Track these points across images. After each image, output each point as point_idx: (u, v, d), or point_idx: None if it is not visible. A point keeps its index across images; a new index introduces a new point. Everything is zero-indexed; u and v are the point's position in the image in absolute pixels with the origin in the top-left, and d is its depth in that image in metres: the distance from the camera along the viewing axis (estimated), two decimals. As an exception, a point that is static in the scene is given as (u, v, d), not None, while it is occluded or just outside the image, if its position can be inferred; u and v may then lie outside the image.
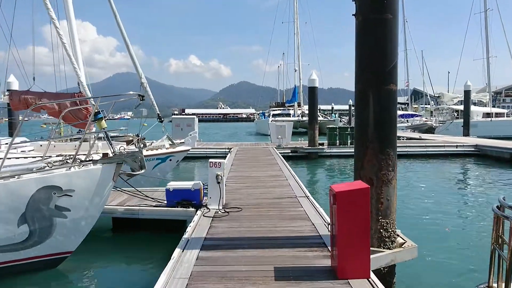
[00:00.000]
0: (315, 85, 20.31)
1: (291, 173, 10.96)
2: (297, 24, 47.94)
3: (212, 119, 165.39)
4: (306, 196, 7.93)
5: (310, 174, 17.10)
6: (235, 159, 15.05)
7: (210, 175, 6.99)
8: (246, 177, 10.57)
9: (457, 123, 35.18)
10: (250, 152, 18.20)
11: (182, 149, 10.55)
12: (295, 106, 49.77)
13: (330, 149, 20.96)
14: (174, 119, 21.96)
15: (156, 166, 10.40)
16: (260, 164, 13.40)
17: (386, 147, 4.84)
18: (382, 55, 4.75)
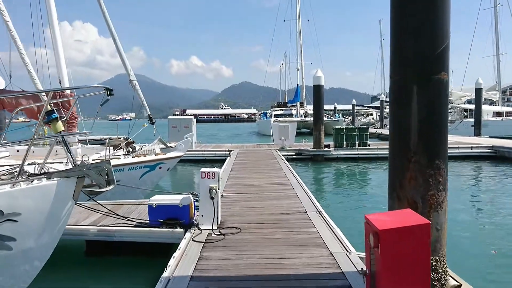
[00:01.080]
0: (321, 83, 19.02)
1: (297, 180, 9.68)
2: (299, 22, 46.66)
3: (213, 119, 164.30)
4: (318, 211, 6.65)
5: (316, 178, 15.82)
6: (235, 163, 13.79)
7: (201, 188, 5.73)
8: (247, 185, 9.30)
9: (467, 122, 33.88)
10: (251, 155, 16.94)
11: (173, 156, 9.30)
12: (297, 106, 48.47)
13: (337, 151, 19.67)
14: (170, 120, 20.71)
15: (144, 175, 9.16)
16: (262, 169, 12.13)
17: (435, 158, 3.56)
18: (430, 32, 3.47)
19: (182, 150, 9.41)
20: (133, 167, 8.97)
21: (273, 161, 14.27)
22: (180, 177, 16.72)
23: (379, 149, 19.93)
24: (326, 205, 9.76)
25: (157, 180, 9.54)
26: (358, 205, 10.44)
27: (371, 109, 74.92)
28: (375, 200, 10.74)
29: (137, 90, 11.22)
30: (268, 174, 10.88)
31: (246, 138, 45.36)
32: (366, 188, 13.06)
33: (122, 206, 7.29)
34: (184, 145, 9.38)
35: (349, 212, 9.52)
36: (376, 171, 16.94)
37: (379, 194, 11.73)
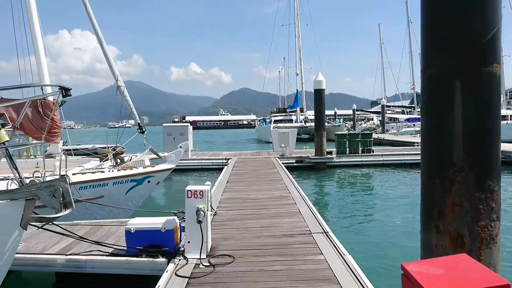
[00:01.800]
0: (322, 87, 18.18)
1: (300, 194, 8.78)
2: (298, 26, 45.97)
3: (213, 126, 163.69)
4: (324, 232, 5.75)
5: (319, 189, 14.93)
6: (232, 173, 12.90)
7: (187, 210, 4.84)
8: (244, 200, 8.41)
9: (471, 127, 33.05)
10: (250, 163, 16.05)
11: (163, 168, 8.41)
12: (297, 112, 47.68)
13: (340, 158, 18.80)
14: (165, 128, 19.83)
15: (131, 190, 8.28)
16: (261, 180, 11.24)
17: (487, 177, 2.68)
18: (478, 12, 2.61)
19: (173, 162, 8.53)
20: (118, 182, 8.09)
21: (272, 170, 13.38)
22: (174, 188, 15.83)
23: (383, 155, 19.07)
24: (332, 221, 8.87)
25: (145, 195, 8.66)
26: (367, 220, 9.55)
27: (371, 114, 74.22)
28: (386, 214, 9.85)
29: (125, 96, 10.38)
30: (267, 186, 9.98)
31: (245, 145, 44.48)
32: (374, 199, 12.17)
33: (101, 227, 6.40)
34: (175, 156, 8.50)
35: (358, 229, 8.62)
36: (382, 179, 16.05)
37: (390, 206, 10.84)
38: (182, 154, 8.60)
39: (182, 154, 8.60)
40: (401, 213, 10.16)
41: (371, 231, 8.44)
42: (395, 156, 19.04)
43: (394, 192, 13.11)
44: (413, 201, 11.60)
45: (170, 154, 8.49)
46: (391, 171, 17.57)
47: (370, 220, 9.53)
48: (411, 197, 12.31)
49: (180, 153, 8.54)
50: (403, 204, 11.23)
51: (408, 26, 58.75)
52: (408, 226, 8.73)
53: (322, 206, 11.51)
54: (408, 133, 42.06)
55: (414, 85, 60.19)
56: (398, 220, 9.38)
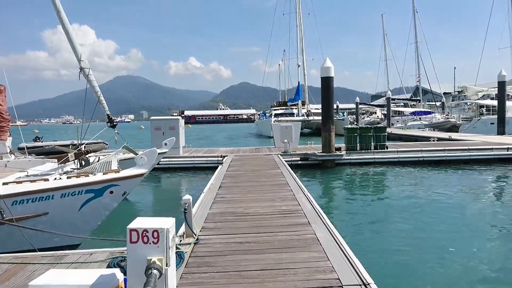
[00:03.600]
0: (330, 74, 15.98)
1: (313, 206, 6.64)
2: (299, 15, 43.59)
3: (212, 120, 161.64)
4: (364, 284, 3.62)
5: (327, 189, 12.82)
6: (227, 175, 10.76)
7: (130, 265, 2.71)
8: (239, 216, 6.28)
9: (486, 120, 30.92)
10: (248, 162, 13.91)
11: (131, 174, 6.24)
12: (299, 105, 45.42)
13: (349, 155, 16.67)
14: (153, 122, 17.63)
15: (86, 204, 6.14)
16: (262, 184, 9.10)
17: None
18: None
19: (145, 166, 6.40)
20: (68, 193, 5.97)
21: (275, 171, 11.23)
22: (163, 191, 13.72)
23: (399, 152, 16.94)
24: (345, 231, 6.74)
25: (107, 210, 6.53)
26: (389, 231, 7.46)
27: (374, 107, 71.96)
28: (411, 224, 7.75)
29: (91, 81, 8.20)
30: (270, 194, 7.84)
31: (244, 140, 42.33)
32: (393, 204, 10.05)
33: (26, 267, 4.29)
34: (147, 158, 6.36)
35: (382, 246, 6.52)
36: (399, 179, 13.92)
37: (414, 213, 8.74)
38: (156, 155, 6.46)
39: (156, 155, 6.46)
40: (429, 223, 8.10)
41: (397, 248, 6.41)
42: (412, 153, 16.90)
43: (415, 195, 11.05)
44: (440, 207, 9.56)
45: (141, 156, 6.34)
46: (408, 170, 15.45)
47: (392, 231, 7.45)
48: (436, 201, 10.25)
49: (154, 154, 6.40)
50: (429, 211, 9.17)
51: (414, 16, 56.24)
52: (443, 243, 6.68)
53: (332, 211, 9.42)
54: (416, 126, 39.93)
55: (420, 78, 57.80)
56: (426, 234, 7.32)
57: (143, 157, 6.32)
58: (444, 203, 10.00)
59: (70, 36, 8.09)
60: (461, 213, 9.12)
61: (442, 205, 9.74)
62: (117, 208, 8.72)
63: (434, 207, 9.58)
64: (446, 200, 10.39)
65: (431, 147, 17.79)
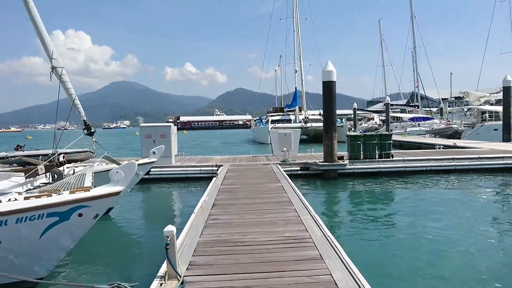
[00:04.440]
0: (333, 78, 14.98)
1: (324, 233, 5.56)
2: (297, 20, 42.76)
3: (208, 126, 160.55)
4: None
5: (330, 202, 11.75)
6: (222, 189, 9.65)
7: None
8: (235, 244, 5.19)
9: (489, 126, 30.04)
10: (245, 173, 12.82)
11: (103, 193, 5.13)
12: (296, 111, 44.41)
13: (353, 164, 15.62)
14: (143, 129, 16.49)
15: (49, 230, 5.03)
16: (261, 202, 8.01)
17: None
18: None
19: (122, 182, 5.30)
20: (26, 217, 4.85)
21: (275, 185, 10.14)
22: (151, 205, 12.58)
23: (405, 161, 15.92)
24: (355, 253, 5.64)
25: (75, 237, 5.40)
26: (401, 250, 6.38)
27: (372, 113, 71.23)
28: (424, 243, 6.67)
29: (64, 82, 7.10)
30: (270, 215, 6.74)
31: (240, 147, 41.24)
32: (402, 220, 8.99)
33: None
34: (124, 172, 5.26)
35: (394, 270, 5.43)
36: (406, 191, 12.87)
37: (426, 230, 7.67)
38: (135, 168, 5.36)
39: (135, 168, 5.36)
40: (444, 242, 7.08)
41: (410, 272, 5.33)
42: (419, 162, 15.89)
43: (426, 210, 10.03)
44: (455, 223, 8.54)
45: (117, 170, 5.24)
46: (415, 180, 14.42)
47: (405, 251, 6.37)
48: (450, 216, 9.25)
49: (132, 167, 5.30)
50: (442, 227, 8.14)
51: (412, 21, 55.65)
52: (460, 265, 5.62)
53: (338, 231, 8.34)
54: (416, 133, 39.05)
55: (418, 83, 57.13)
56: (442, 255, 6.26)
57: (119, 171, 5.21)
58: (464, 220, 8.97)
59: (40, 30, 7.00)
60: (484, 230, 8.08)
61: (462, 222, 8.70)
62: (95, 227, 7.59)
63: (449, 222, 8.56)
64: (464, 216, 9.36)
65: (438, 155, 16.79)
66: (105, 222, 9.53)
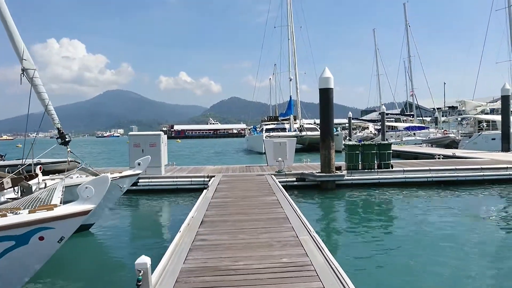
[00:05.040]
0: (330, 85, 14.36)
1: (326, 257, 4.83)
2: (292, 28, 42.41)
3: (202, 135, 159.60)
4: None
5: (328, 216, 11.02)
6: (213, 203, 8.89)
7: None
8: (225, 273, 4.44)
9: (486, 135, 29.64)
10: (238, 185, 12.07)
11: (71, 212, 4.37)
12: (291, 120, 43.83)
13: (351, 175, 14.95)
14: (131, 137, 15.69)
15: (3, 256, 4.26)
16: (254, 218, 7.27)
17: None
18: None
19: (92, 199, 4.55)
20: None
21: (270, 198, 9.40)
22: (138, 219, 11.75)
23: (405, 171, 15.27)
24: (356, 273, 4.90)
25: (36, 264, 4.62)
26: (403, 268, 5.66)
27: (367, 122, 70.90)
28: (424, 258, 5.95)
29: (36, 86, 6.36)
30: (265, 235, 6.00)
31: (234, 156, 40.49)
32: (403, 233, 8.31)
33: None
34: (95, 188, 4.50)
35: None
36: (407, 203, 12.21)
37: (428, 244, 6.96)
38: (108, 184, 4.62)
39: (108, 184, 4.62)
40: (444, 256, 6.39)
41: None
42: (419, 173, 15.26)
43: (428, 222, 9.42)
44: (455, 235, 7.90)
45: (86, 185, 4.48)
46: (416, 192, 13.77)
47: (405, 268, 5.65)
48: (449, 228, 8.61)
49: (103, 182, 4.56)
50: (443, 240, 7.50)
51: (406, 30, 55.68)
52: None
53: (339, 249, 7.63)
54: (412, 142, 38.60)
55: (413, 92, 56.97)
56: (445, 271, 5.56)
57: (89, 187, 4.47)
58: (468, 234, 8.32)
59: (9, 26, 6.27)
60: (488, 245, 7.41)
61: (459, 234, 8.04)
62: (71, 242, 6.86)
63: (449, 234, 7.89)
64: (469, 230, 8.72)
65: (439, 165, 16.17)
66: (84, 237, 8.74)
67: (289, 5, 41.99)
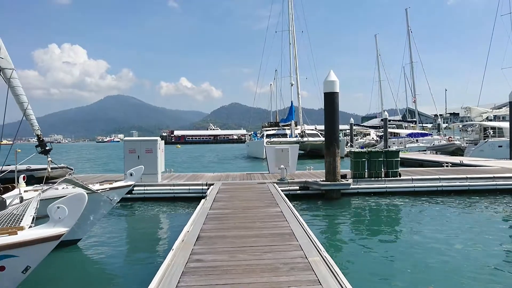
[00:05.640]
0: (335, 89, 13.69)
1: (340, 282, 4.12)
2: (293, 32, 41.89)
3: (202, 140, 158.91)
4: None
5: (333, 228, 10.28)
6: (210, 216, 8.16)
7: None
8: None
9: (493, 142, 28.88)
10: (239, 194, 11.35)
11: (38, 237, 3.64)
12: (292, 125, 43.13)
13: (357, 183, 14.24)
14: (126, 143, 14.97)
15: None
16: (257, 234, 6.54)
17: None
18: None
19: (66, 221, 3.81)
20: None
21: (274, 210, 8.68)
22: (132, 228, 11.01)
23: (414, 180, 14.55)
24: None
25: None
26: None
27: (368, 128, 70.23)
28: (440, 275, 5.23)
29: (14, 88, 5.68)
30: (269, 255, 5.28)
31: (234, 162, 39.75)
32: (416, 247, 7.56)
33: None
34: (68, 208, 3.77)
35: None
36: (418, 213, 11.46)
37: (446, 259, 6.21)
38: (84, 201, 3.91)
39: (84, 201, 3.91)
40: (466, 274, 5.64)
41: None
42: (429, 181, 14.54)
43: (441, 235, 8.69)
44: (474, 251, 7.16)
45: (58, 205, 3.76)
46: (427, 202, 13.04)
47: None
48: (466, 241, 7.88)
49: (80, 201, 3.85)
50: (460, 253, 6.73)
51: (408, 36, 55.23)
52: None
53: (344, 262, 6.91)
54: (415, 149, 37.89)
55: (416, 98, 56.34)
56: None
57: (61, 207, 3.75)
58: (486, 248, 7.59)
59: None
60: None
61: (485, 251, 7.30)
62: (56, 256, 6.15)
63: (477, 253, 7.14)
64: (487, 244, 7.99)
65: (449, 174, 15.45)
66: (70, 253, 8.01)
67: (291, 8, 41.53)
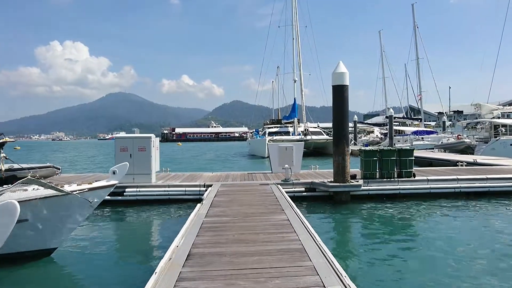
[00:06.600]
0: (345, 82, 12.53)
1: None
2: (296, 27, 40.66)
3: (203, 138, 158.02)
4: None
5: (343, 235, 9.16)
6: (205, 225, 7.03)
7: None
8: None
9: (505, 140, 27.71)
10: (239, 197, 10.22)
11: None
12: (294, 123, 41.97)
13: (368, 184, 13.09)
14: (117, 141, 13.82)
15: None
16: (261, 249, 5.42)
17: None
18: None
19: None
20: None
21: (279, 218, 7.54)
22: (118, 236, 9.89)
23: (429, 181, 13.40)
24: None
25: None
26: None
27: (372, 126, 69.02)
28: None
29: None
30: (277, 283, 4.16)
31: (235, 161, 38.62)
32: (435, 257, 6.43)
33: None
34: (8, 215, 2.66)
35: None
36: (436, 218, 10.33)
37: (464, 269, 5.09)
38: (16, 215, 2.82)
39: (16, 215, 2.82)
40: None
41: None
42: (446, 182, 13.39)
43: (461, 242, 7.58)
44: (494, 255, 6.01)
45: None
46: (444, 205, 11.91)
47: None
48: (489, 248, 6.74)
49: (9, 213, 2.75)
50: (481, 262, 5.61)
51: (414, 31, 53.86)
52: None
53: (353, 271, 5.79)
54: (422, 147, 36.68)
55: (421, 95, 55.06)
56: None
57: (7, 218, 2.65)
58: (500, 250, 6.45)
59: None
60: None
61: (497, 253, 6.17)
62: (22, 276, 5.09)
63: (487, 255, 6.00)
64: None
65: (466, 174, 14.30)
66: (44, 266, 6.92)
67: (295, 2, 40.29)
